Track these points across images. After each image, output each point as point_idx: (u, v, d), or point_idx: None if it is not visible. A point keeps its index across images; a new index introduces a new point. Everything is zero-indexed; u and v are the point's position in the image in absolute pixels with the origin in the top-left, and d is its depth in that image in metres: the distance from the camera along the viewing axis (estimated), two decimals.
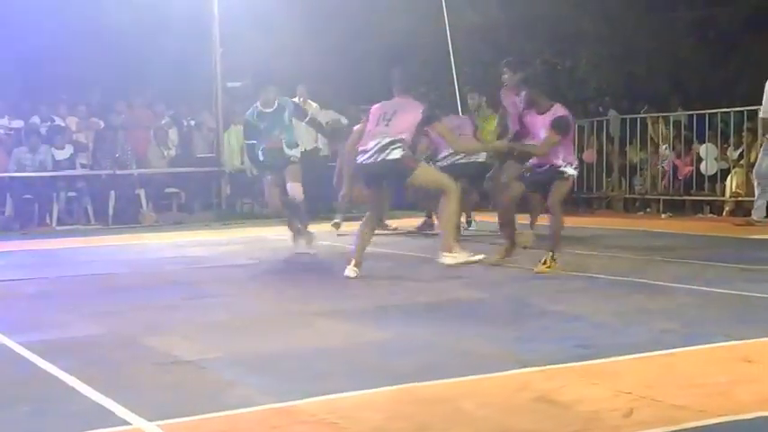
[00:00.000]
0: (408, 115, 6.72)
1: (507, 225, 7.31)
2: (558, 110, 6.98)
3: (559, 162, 6.93)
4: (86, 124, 13.91)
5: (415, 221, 10.72)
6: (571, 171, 7.04)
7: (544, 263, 6.83)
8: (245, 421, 3.28)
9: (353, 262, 6.81)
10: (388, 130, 6.65)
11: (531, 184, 7.14)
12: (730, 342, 4.34)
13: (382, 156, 6.60)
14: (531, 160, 7.19)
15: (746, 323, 4.83)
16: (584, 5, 16.70)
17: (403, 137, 6.64)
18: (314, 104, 12.09)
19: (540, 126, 6.98)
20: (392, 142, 6.60)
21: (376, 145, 6.63)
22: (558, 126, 6.87)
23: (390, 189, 7.14)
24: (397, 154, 6.61)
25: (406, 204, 10.85)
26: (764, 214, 10.72)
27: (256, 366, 4.11)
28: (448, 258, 6.66)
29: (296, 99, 11.57)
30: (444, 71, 13.23)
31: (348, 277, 6.71)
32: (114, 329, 5.07)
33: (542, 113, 6.97)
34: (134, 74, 14.98)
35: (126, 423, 3.25)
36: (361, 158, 6.77)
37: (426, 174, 6.95)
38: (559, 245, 6.93)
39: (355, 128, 7.37)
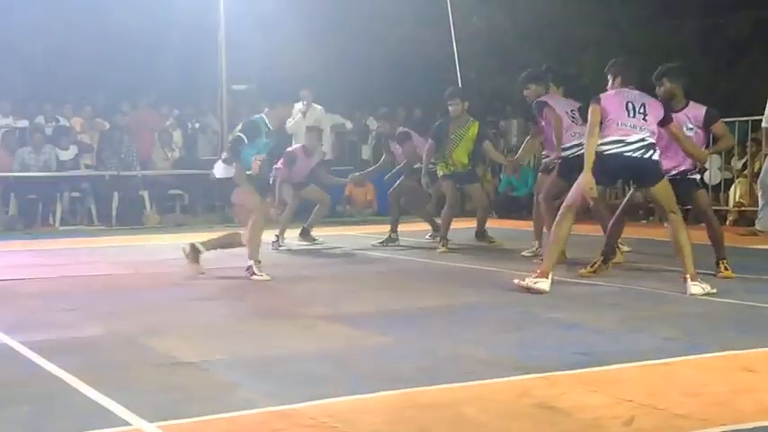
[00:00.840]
0: (655, 110, 6.28)
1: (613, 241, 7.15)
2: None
3: (689, 167, 6.93)
4: (91, 125, 13.95)
5: (409, 227, 10.69)
6: (697, 176, 7.11)
7: (592, 265, 6.95)
8: (246, 424, 3.28)
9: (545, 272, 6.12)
10: (647, 125, 6.17)
11: None
12: (732, 351, 4.34)
13: (647, 154, 6.14)
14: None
15: (748, 333, 4.83)
16: (589, 13, 16.70)
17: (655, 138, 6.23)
18: (318, 108, 12.06)
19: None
20: (654, 144, 6.19)
21: (641, 141, 6.13)
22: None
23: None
24: (657, 156, 6.23)
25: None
26: None
27: (257, 369, 4.11)
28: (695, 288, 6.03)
29: (300, 103, 11.59)
30: (449, 77, 13.24)
31: (543, 291, 6.04)
32: (116, 330, 5.08)
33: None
34: (139, 75, 15.02)
35: (126, 424, 3.25)
36: (616, 148, 6.12)
37: (667, 188, 6.32)
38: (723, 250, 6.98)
39: (590, 124, 6.25)
